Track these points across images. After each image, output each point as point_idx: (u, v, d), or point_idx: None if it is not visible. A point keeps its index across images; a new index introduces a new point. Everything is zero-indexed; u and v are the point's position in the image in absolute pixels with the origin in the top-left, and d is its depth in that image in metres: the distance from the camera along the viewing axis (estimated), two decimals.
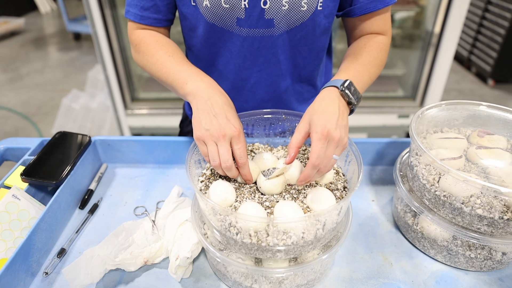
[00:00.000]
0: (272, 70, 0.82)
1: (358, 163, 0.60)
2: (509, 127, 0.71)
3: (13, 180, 0.74)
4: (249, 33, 0.75)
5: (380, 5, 0.75)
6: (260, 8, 0.71)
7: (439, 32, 1.91)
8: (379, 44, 0.78)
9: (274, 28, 0.74)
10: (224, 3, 0.70)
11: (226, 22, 0.73)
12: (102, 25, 1.83)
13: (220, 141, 0.58)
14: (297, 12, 0.72)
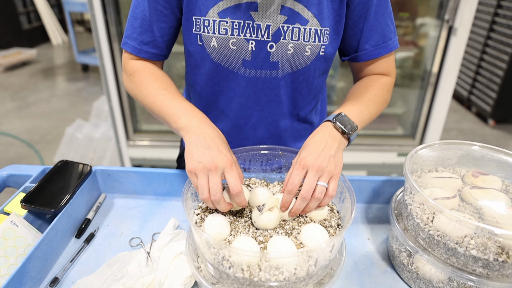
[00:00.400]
0: (273, 110, 0.84)
1: (352, 200, 0.61)
2: (503, 167, 0.73)
3: (12, 207, 0.75)
4: (253, 74, 0.78)
5: (384, 51, 0.80)
6: (266, 51, 0.75)
7: (437, 72, 1.96)
8: (381, 84, 0.82)
9: (278, 70, 0.78)
10: (231, 45, 0.74)
11: (232, 63, 0.77)
12: (109, 57, 1.89)
13: (212, 173, 0.60)
14: (301, 57, 0.76)
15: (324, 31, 0.74)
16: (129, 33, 0.78)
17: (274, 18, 0.72)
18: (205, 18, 0.73)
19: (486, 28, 3.39)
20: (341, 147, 0.68)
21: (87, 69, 4.90)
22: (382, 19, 0.78)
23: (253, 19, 0.72)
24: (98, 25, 1.80)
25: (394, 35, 0.81)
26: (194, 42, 0.77)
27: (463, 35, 1.79)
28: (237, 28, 0.72)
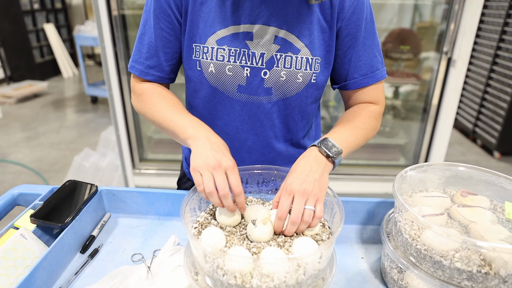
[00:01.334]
0: (267, 134, 0.89)
1: (341, 212, 0.64)
2: (491, 187, 0.76)
3: (22, 222, 0.79)
4: (248, 99, 0.83)
5: (372, 81, 0.85)
6: (260, 78, 0.80)
7: (437, 103, 2.01)
8: (369, 111, 0.86)
9: (272, 95, 0.83)
10: (228, 71, 0.80)
11: (228, 88, 0.82)
12: (118, 89, 1.98)
13: (217, 171, 0.64)
14: (293, 83, 0.81)
15: (315, 60, 0.80)
16: (136, 58, 0.85)
17: (268, 47, 0.78)
18: (204, 45, 0.79)
19: (489, 62, 3.47)
20: (326, 170, 0.72)
21: (96, 101, 5.04)
22: (370, 50, 0.83)
23: (248, 48, 0.78)
24: (108, 58, 1.89)
25: (382, 66, 0.86)
26: (193, 68, 0.82)
27: (461, 66, 1.86)
28: (234, 55, 0.78)
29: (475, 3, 1.65)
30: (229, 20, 0.78)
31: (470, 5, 1.66)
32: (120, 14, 1.86)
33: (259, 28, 0.78)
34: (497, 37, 3.33)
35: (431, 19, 2.33)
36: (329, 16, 0.79)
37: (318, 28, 0.79)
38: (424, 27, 2.36)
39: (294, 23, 0.78)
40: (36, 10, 6.03)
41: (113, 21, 1.85)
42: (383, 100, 0.90)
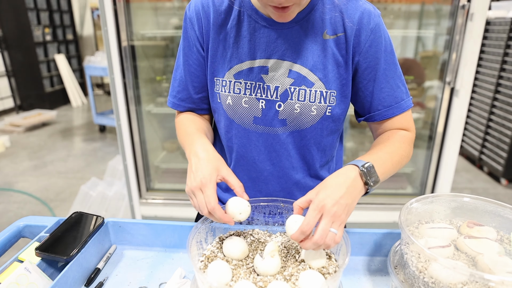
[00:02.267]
0: (284, 164, 0.90)
1: (347, 244, 0.64)
2: (496, 218, 0.75)
3: (26, 255, 0.79)
4: (264, 130, 0.85)
5: (397, 111, 0.84)
6: (275, 110, 0.82)
7: (442, 131, 2.02)
8: (402, 137, 0.85)
9: (286, 127, 0.84)
10: (244, 103, 0.83)
11: (244, 120, 0.85)
12: (126, 119, 2.01)
13: (195, 192, 0.70)
14: (307, 116, 0.82)
15: (330, 93, 0.81)
16: (170, 92, 0.92)
17: (282, 81, 0.81)
18: (223, 79, 0.83)
19: (491, 90, 3.50)
20: (358, 196, 0.70)
21: (104, 130, 5.10)
22: (393, 82, 0.83)
23: (263, 81, 0.81)
24: (116, 88, 1.93)
25: (407, 96, 0.85)
26: (215, 100, 0.87)
27: (464, 96, 1.87)
28: (249, 88, 0.81)
29: (475, 34, 1.68)
30: (245, 55, 0.81)
31: (470, 37, 1.69)
32: (129, 45, 1.92)
33: (274, 63, 0.81)
34: (498, 67, 3.38)
35: (434, 49, 2.37)
36: (344, 51, 0.80)
37: (333, 62, 0.80)
38: (428, 56, 2.40)
39: (308, 57, 0.80)
40: (48, 42, 6.22)
41: (123, 51, 1.90)
42: (413, 128, 0.88)
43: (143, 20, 2.21)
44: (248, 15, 0.81)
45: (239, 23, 0.81)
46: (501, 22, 3.35)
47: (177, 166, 2.58)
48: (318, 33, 0.79)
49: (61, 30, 6.60)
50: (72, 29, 6.91)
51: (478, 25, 1.66)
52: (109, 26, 1.84)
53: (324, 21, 0.79)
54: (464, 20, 1.69)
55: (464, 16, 1.69)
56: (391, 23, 2.48)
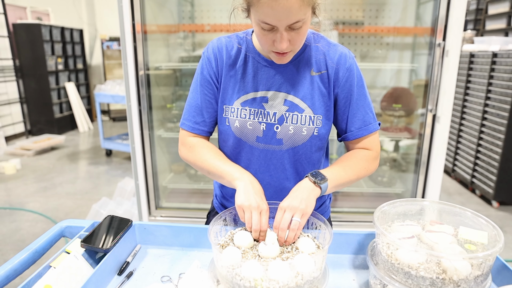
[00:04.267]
0: (279, 175, 1.09)
1: (329, 229, 0.83)
2: (455, 219, 0.93)
3: (72, 247, 0.97)
4: (264, 147, 1.05)
5: (366, 132, 1.07)
6: (273, 131, 1.03)
7: (427, 154, 2.21)
8: (362, 155, 1.07)
9: (282, 145, 1.05)
10: (248, 126, 1.03)
11: (249, 139, 1.05)
12: (140, 143, 2.21)
13: (255, 211, 0.87)
14: (299, 135, 1.03)
15: (317, 117, 1.02)
16: (186, 117, 1.10)
17: (279, 108, 1.02)
18: (232, 107, 1.04)
19: (479, 117, 3.72)
20: (313, 193, 0.92)
21: (110, 154, 5.30)
22: (362, 109, 1.05)
23: (264, 108, 1.02)
24: (133, 114, 2.14)
25: (374, 120, 1.07)
26: (223, 123, 1.06)
27: (445, 122, 2.07)
28: (253, 114, 1.02)
29: (450, 68, 1.90)
30: (250, 88, 1.03)
31: (447, 70, 1.92)
32: (145, 74, 2.14)
33: (273, 94, 1.02)
34: (484, 95, 3.62)
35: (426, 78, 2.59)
36: (327, 84, 1.02)
37: (319, 93, 1.02)
38: (420, 85, 2.62)
39: (299, 89, 1.02)
40: (60, 70, 6.51)
41: (140, 80, 2.12)
42: (376, 147, 1.09)
43: (155, 50, 2.44)
44: (252, 57, 1.03)
45: (245, 63, 1.04)
46: (484, 55, 3.61)
47: (183, 186, 2.76)
48: (306, 71, 1.02)
49: (73, 59, 6.93)
50: (82, 59, 7.25)
51: (453, 60, 1.88)
52: (128, 57, 2.06)
53: (311, 61, 1.02)
54: (440, 55, 1.92)
55: (440, 52, 1.92)
56: (386, 53, 2.72)
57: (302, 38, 0.91)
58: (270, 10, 0.81)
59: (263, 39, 0.90)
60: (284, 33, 0.86)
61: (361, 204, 2.60)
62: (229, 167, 1.00)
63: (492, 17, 5.08)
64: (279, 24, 0.84)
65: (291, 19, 0.83)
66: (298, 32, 0.88)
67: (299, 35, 0.88)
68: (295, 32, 0.87)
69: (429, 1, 2.19)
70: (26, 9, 6.33)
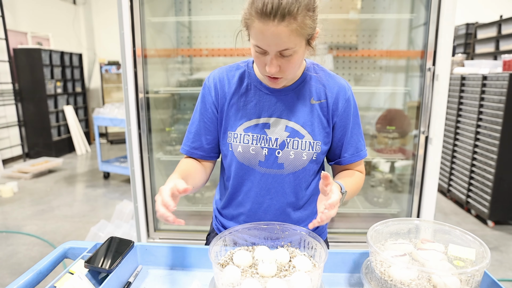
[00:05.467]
0: (279, 199, 1.14)
1: (324, 249, 0.86)
2: (445, 237, 0.97)
3: (76, 268, 1.00)
4: (266, 171, 1.10)
5: (358, 158, 1.14)
6: (275, 156, 1.08)
7: (420, 175, 2.25)
8: (359, 175, 1.15)
9: (283, 169, 1.09)
10: (251, 151, 1.08)
11: (251, 163, 1.09)
12: (139, 166, 2.25)
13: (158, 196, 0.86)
14: (300, 160, 1.08)
15: (316, 143, 1.08)
16: (185, 142, 1.16)
17: (280, 134, 1.07)
18: (235, 132, 1.09)
19: (472, 138, 3.79)
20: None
21: (108, 177, 5.31)
22: (356, 137, 1.13)
23: (266, 134, 1.07)
24: (132, 137, 2.19)
25: (364, 148, 1.15)
26: (227, 148, 1.11)
27: (437, 143, 2.13)
28: (256, 140, 1.07)
29: (440, 91, 1.97)
30: (253, 114, 1.08)
31: (437, 93, 1.99)
32: (145, 97, 2.20)
33: (274, 120, 1.08)
34: (476, 117, 3.70)
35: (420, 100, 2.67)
36: (326, 113, 1.09)
37: (318, 120, 1.08)
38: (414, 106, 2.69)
39: (300, 116, 1.07)
40: (58, 94, 6.59)
41: (139, 103, 2.18)
42: (363, 172, 1.18)
43: (154, 74, 2.51)
44: (254, 85, 1.09)
45: (247, 91, 1.09)
46: (474, 78, 3.72)
47: (181, 209, 2.78)
48: (307, 99, 1.08)
49: (71, 83, 7.03)
50: (81, 83, 7.35)
51: (443, 84, 1.96)
52: (129, 81, 2.13)
53: (311, 90, 1.08)
54: (431, 79, 2.00)
55: (431, 77, 1.99)
56: (380, 76, 2.80)
57: (293, 66, 0.95)
58: (261, 35, 0.87)
59: (257, 61, 0.96)
60: (274, 58, 0.91)
61: (358, 225, 2.63)
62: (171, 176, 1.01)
63: (481, 41, 5.25)
64: (269, 49, 0.90)
65: (280, 46, 0.88)
66: (289, 59, 0.92)
67: (289, 63, 0.93)
68: (286, 60, 0.92)
69: (420, 26, 2.28)
70: (27, 34, 6.45)
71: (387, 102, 2.92)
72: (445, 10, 1.92)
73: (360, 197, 2.94)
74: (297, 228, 1.00)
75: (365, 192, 2.96)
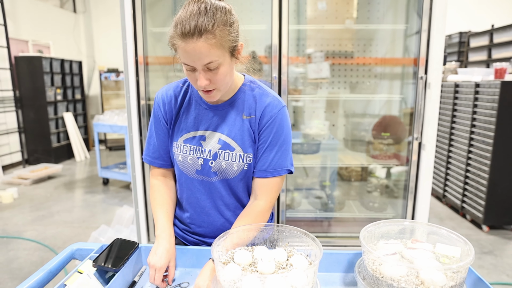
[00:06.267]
0: (219, 202, 1.24)
1: (319, 248, 0.92)
2: (434, 237, 1.03)
3: (84, 267, 1.05)
4: (203, 179, 1.21)
5: (266, 175, 1.18)
6: (209, 165, 1.18)
7: (414, 180, 2.32)
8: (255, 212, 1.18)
9: (217, 176, 1.20)
10: (189, 160, 1.19)
11: (189, 171, 1.20)
12: (140, 172, 2.30)
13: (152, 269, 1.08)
14: (231, 170, 1.18)
15: (246, 155, 1.17)
16: (146, 152, 1.27)
17: (214, 146, 1.17)
18: (176, 143, 1.20)
19: (466, 144, 3.87)
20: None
21: (107, 183, 5.35)
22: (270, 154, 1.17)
23: (202, 145, 1.18)
24: (134, 143, 2.25)
25: (280, 167, 1.18)
26: (172, 157, 1.24)
27: (430, 149, 2.20)
28: (192, 150, 1.18)
29: (433, 99, 2.04)
30: (191, 127, 1.19)
31: (429, 101, 2.06)
32: (146, 104, 2.26)
33: (210, 133, 1.18)
34: (469, 123, 3.78)
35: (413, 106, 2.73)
36: (255, 127, 1.17)
37: (248, 134, 1.17)
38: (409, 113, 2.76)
39: (232, 130, 1.17)
40: (58, 101, 6.65)
41: (141, 109, 2.24)
42: (270, 197, 1.19)
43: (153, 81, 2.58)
44: (195, 100, 1.20)
45: (189, 106, 1.20)
46: (467, 85, 3.80)
47: None
48: (239, 114, 1.17)
49: (71, 90, 7.09)
50: (80, 90, 7.41)
51: (434, 92, 2.03)
52: (131, 89, 2.19)
53: (244, 106, 1.17)
54: (423, 87, 2.07)
55: (423, 85, 2.06)
56: (376, 83, 2.88)
57: (222, 78, 1.04)
58: (185, 53, 0.97)
59: (189, 78, 1.05)
60: (202, 72, 1.00)
61: (354, 229, 2.68)
62: (159, 222, 1.20)
63: (474, 50, 5.35)
64: (195, 65, 0.99)
65: (204, 60, 0.97)
66: (216, 72, 1.01)
67: (217, 74, 1.02)
68: (213, 72, 1.01)
69: (413, 34, 2.36)
70: (28, 42, 6.52)
71: (383, 108, 2.99)
72: (436, 20, 2.00)
73: (356, 202, 3.01)
74: (294, 229, 1.06)
75: (361, 197, 3.03)
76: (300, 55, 2.93)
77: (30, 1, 6.63)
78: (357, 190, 3.10)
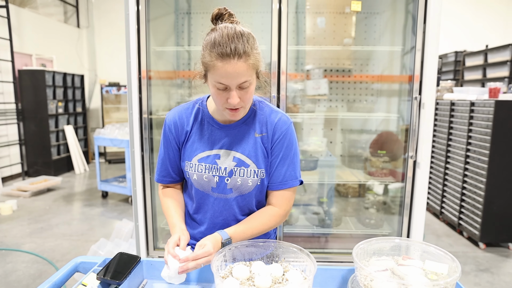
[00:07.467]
0: (231, 218, 1.29)
1: (313, 263, 0.96)
2: (423, 254, 1.08)
3: (88, 280, 1.09)
4: (218, 196, 1.26)
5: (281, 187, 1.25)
6: (225, 183, 1.24)
7: (409, 197, 2.36)
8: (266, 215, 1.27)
9: (232, 193, 1.25)
10: (204, 178, 1.24)
11: (205, 189, 1.26)
12: (141, 186, 2.35)
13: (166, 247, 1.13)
14: (246, 186, 1.24)
15: (260, 171, 1.24)
16: (157, 171, 1.34)
17: (229, 163, 1.23)
18: (190, 162, 1.26)
19: (462, 161, 3.92)
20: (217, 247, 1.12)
21: (106, 196, 5.38)
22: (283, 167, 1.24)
23: (217, 164, 1.24)
24: (136, 158, 2.30)
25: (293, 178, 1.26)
26: (186, 175, 1.29)
27: (424, 167, 2.25)
28: (208, 169, 1.24)
29: (427, 119, 2.11)
30: (205, 147, 1.25)
31: (424, 120, 2.12)
32: (148, 118, 2.32)
33: (224, 152, 1.24)
34: (465, 141, 3.84)
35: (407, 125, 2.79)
36: (267, 144, 1.24)
37: (261, 151, 1.24)
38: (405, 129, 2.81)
39: (245, 148, 1.23)
40: (59, 114, 6.71)
41: (143, 123, 2.30)
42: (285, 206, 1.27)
43: (154, 96, 2.64)
44: (207, 121, 1.26)
45: (201, 127, 1.26)
46: (463, 104, 3.88)
47: None
48: (251, 132, 1.24)
49: (72, 103, 7.17)
50: (82, 103, 7.49)
51: (428, 112, 2.10)
52: (134, 104, 2.25)
53: (256, 124, 1.25)
54: (418, 107, 2.14)
55: (417, 105, 2.13)
56: (373, 100, 2.94)
57: (250, 97, 1.13)
58: (223, 73, 1.04)
59: (218, 97, 1.11)
60: (236, 91, 1.08)
61: (350, 245, 2.72)
62: (173, 220, 1.25)
63: (469, 69, 5.46)
64: (231, 84, 1.06)
65: (240, 79, 1.06)
66: (246, 91, 1.10)
67: (247, 93, 1.11)
68: (244, 91, 1.10)
69: (409, 52, 2.44)
70: (32, 56, 6.62)
71: (380, 125, 3.05)
72: (429, 39, 2.08)
73: (353, 219, 3.04)
74: (290, 245, 1.10)
75: (357, 214, 3.06)
76: (298, 71, 3.00)
77: (35, 17, 6.77)
78: (354, 207, 3.14)
